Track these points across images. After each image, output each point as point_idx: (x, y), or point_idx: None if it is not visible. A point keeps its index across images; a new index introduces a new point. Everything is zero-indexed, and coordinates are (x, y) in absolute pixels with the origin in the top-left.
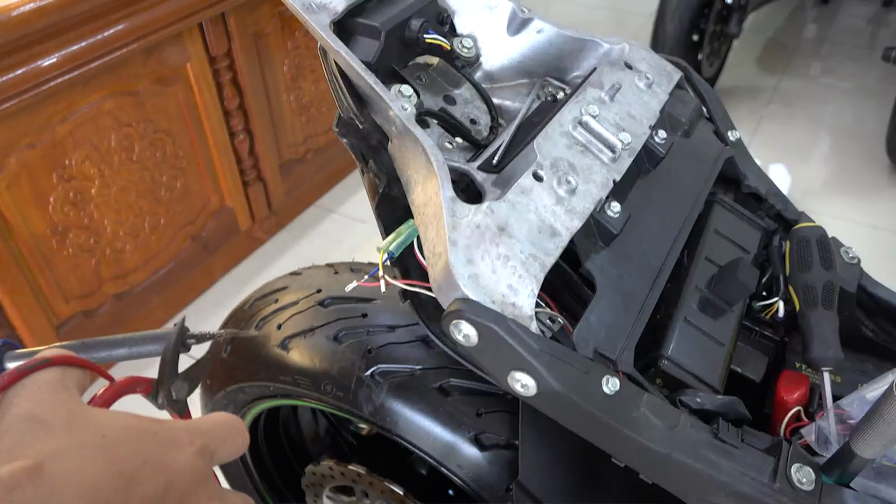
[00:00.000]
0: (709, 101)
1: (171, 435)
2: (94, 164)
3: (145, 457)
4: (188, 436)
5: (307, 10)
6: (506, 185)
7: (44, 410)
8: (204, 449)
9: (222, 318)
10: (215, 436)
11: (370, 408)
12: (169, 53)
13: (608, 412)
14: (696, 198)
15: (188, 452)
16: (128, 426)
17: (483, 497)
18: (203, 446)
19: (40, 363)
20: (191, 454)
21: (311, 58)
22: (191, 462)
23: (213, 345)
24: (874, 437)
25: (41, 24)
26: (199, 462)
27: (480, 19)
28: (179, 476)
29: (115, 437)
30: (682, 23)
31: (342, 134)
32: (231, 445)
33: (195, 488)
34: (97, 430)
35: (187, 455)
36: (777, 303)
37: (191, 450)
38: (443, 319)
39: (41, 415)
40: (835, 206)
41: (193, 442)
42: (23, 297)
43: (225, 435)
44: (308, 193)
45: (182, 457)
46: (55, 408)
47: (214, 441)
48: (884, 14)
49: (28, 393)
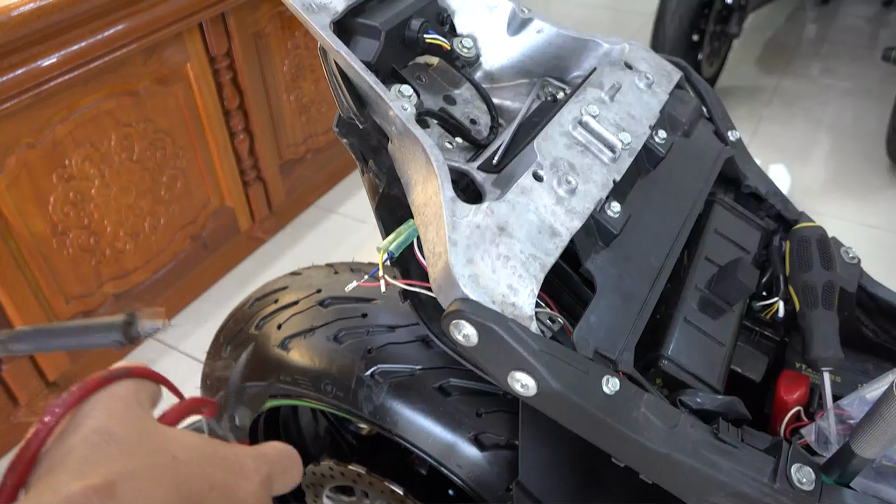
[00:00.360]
0: (709, 101)
1: (240, 462)
2: (94, 164)
3: (213, 482)
4: (255, 464)
5: (307, 10)
6: (506, 185)
7: (117, 426)
8: (268, 479)
9: (222, 318)
10: (277, 466)
11: (370, 408)
12: (169, 53)
13: (608, 412)
14: (696, 198)
15: (254, 482)
16: (198, 449)
17: (483, 497)
18: (268, 476)
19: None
20: (256, 483)
21: (311, 58)
22: (255, 491)
23: (212, 344)
24: (874, 437)
25: (41, 24)
26: (262, 493)
27: (480, 19)
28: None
29: (185, 460)
30: (682, 23)
31: (342, 134)
32: (289, 477)
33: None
34: (168, 450)
35: (253, 484)
36: (777, 303)
37: (257, 479)
38: (443, 319)
39: (114, 430)
40: (835, 206)
41: (260, 470)
42: (23, 297)
43: (285, 465)
44: (308, 193)
45: (248, 486)
46: (128, 424)
47: (276, 471)
48: (884, 14)
49: (102, 406)
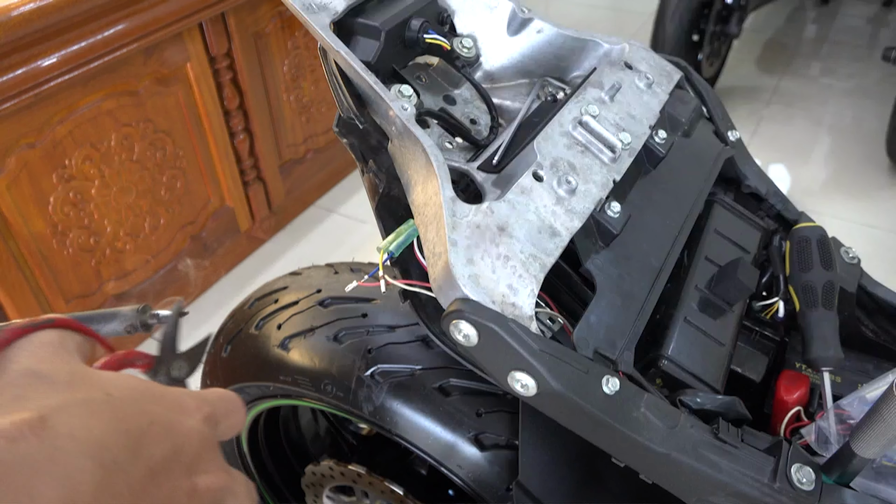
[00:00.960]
0: (709, 101)
1: (178, 399)
2: (94, 164)
3: (153, 417)
4: (194, 402)
5: (307, 10)
6: (506, 185)
7: (45, 367)
8: (210, 417)
9: (222, 318)
10: (219, 406)
11: (370, 408)
12: (169, 53)
13: (608, 412)
14: (696, 198)
15: (196, 418)
16: (133, 386)
17: (483, 497)
18: (210, 414)
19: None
20: (198, 420)
21: (311, 58)
22: (198, 428)
23: (214, 341)
24: (874, 437)
25: (41, 24)
26: (206, 429)
27: (480, 19)
28: (188, 440)
29: (120, 396)
30: (682, 23)
31: (342, 134)
32: (233, 419)
33: (203, 455)
34: (101, 387)
35: (195, 420)
36: (777, 303)
37: (198, 416)
38: (443, 319)
39: (42, 371)
40: (835, 206)
41: (201, 408)
42: (23, 298)
43: (227, 407)
44: (308, 193)
45: (190, 421)
46: (56, 365)
47: (219, 411)
48: (884, 14)
49: (28, 351)
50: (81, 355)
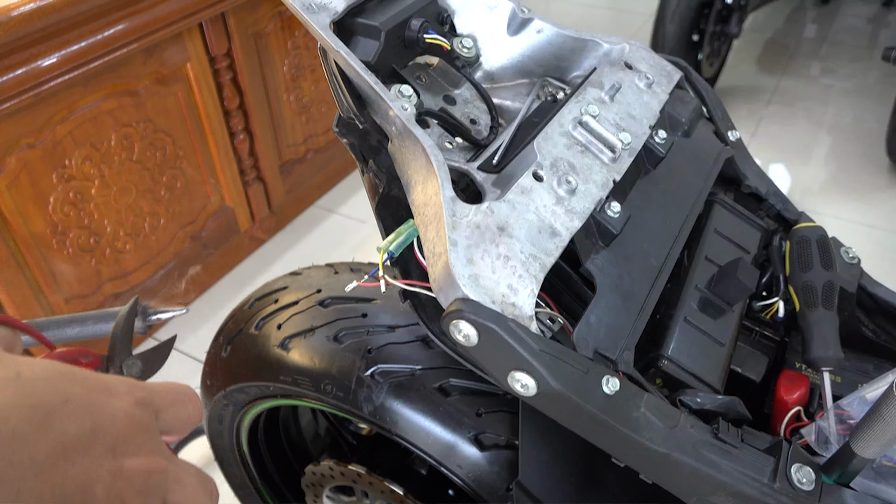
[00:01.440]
0: (709, 101)
1: (104, 382)
2: (94, 164)
3: (68, 396)
4: (125, 386)
5: (307, 10)
6: (506, 185)
7: None
8: (144, 402)
9: (222, 318)
10: (160, 394)
11: (370, 408)
12: (169, 53)
13: (608, 412)
14: (696, 198)
15: (125, 400)
16: (50, 367)
17: (483, 497)
18: (143, 399)
19: None
20: (128, 402)
21: (311, 58)
22: (127, 409)
23: (214, 341)
24: (874, 437)
25: (41, 24)
26: (137, 412)
27: (480, 19)
28: (111, 420)
29: (31, 375)
30: (682, 23)
31: (342, 134)
32: (180, 410)
33: (132, 437)
34: (12, 367)
35: (123, 402)
36: (777, 303)
37: (128, 398)
38: (443, 319)
39: None
40: (835, 206)
41: (132, 392)
42: (22, 297)
43: (173, 398)
44: (308, 193)
45: (116, 402)
46: None
47: (158, 398)
48: (884, 14)
49: None
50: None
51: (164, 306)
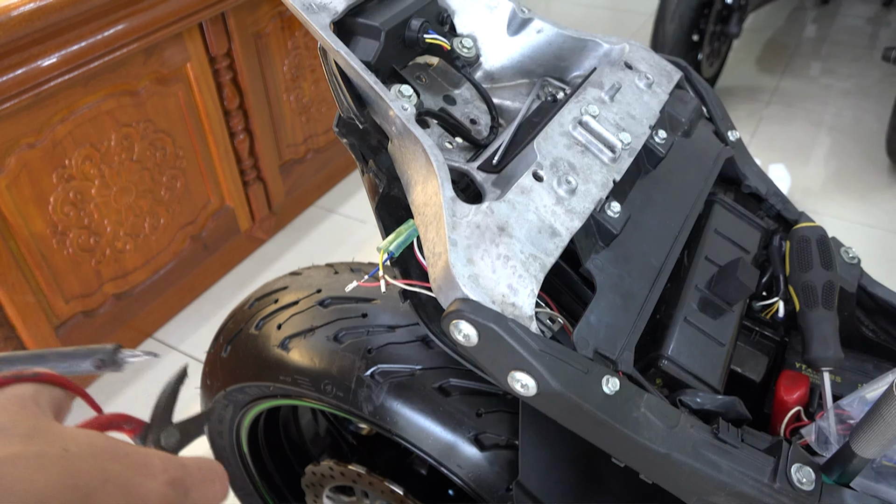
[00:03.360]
0: (709, 101)
1: (143, 459)
2: (94, 164)
3: (108, 475)
4: (162, 464)
5: (307, 10)
6: (506, 185)
7: (5, 419)
8: (177, 481)
9: (222, 318)
10: (192, 472)
11: (370, 408)
12: (169, 53)
13: (608, 412)
14: (696, 198)
15: (160, 480)
16: (95, 443)
17: (483, 497)
18: (177, 478)
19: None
20: (162, 482)
21: (311, 58)
22: (160, 490)
23: (214, 341)
24: (874, 437)
25: (41, 24)
26: (170, 492)
27: (480, 19)
28: (144, 501)
29: (78, 452)
30: (682, 23)
31: (342, 134)
32: (209, 488)
33: None
34: (59, 443)
35: (158, 482)
36: (777, 303)
37: (163, 478)
38: (443, 319)
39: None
40: (834, 206)
41: (167, 471)
42: (23, 297)
43: (203, 476)
44: (308, 193)
45: (151, 483)
46: (19, 419)
47: (191, 477)
48: (884, 14)
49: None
50: (55, 411)
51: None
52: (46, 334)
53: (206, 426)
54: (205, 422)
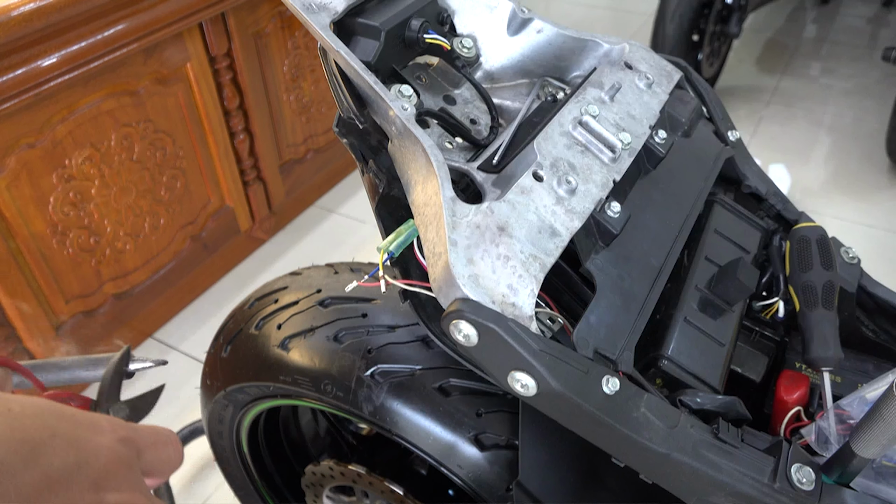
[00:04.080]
0: (709, 101)
1: (91, 419)
2: (94, 164)
3: (55, 431)
4: (110, 424)
5: (307, 10)
6: (506, 185)
7: None
8: (128, 440)
9: (222, 318)
10: (143, 435)
11: (370, 408)
12: (169, 53)
13: (608, 412)
14: (696, 198)
15: (109, 437)
16: (39, 405)
17: (483, 497)
18: (127, 437)
19: None
20: (111, 439)
21: (311, 58)
22: (110, 445)
23: (214, 341)
24: (874, 437)
25: (41, 24)
26: (120, 448)
27: (480, 19)
28: (95, 455)
29: (21, 411)
30: (682, 23)
31: (342, 134)
32: (162, 451)
33: (115, 472)
34: (3, 404)
35: (107, 439)
36: (777, 303)
37: (112, 436)
38: (443, 319)
39: None
40: (834, 206)
41: (115, 430)
42: (23, 297)
43: (155, 438)
44: (308, 193)
45: (100, 439)
46: None
47: (141, 438)
48: (884, 14)
49: None
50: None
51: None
52: (46, 334)
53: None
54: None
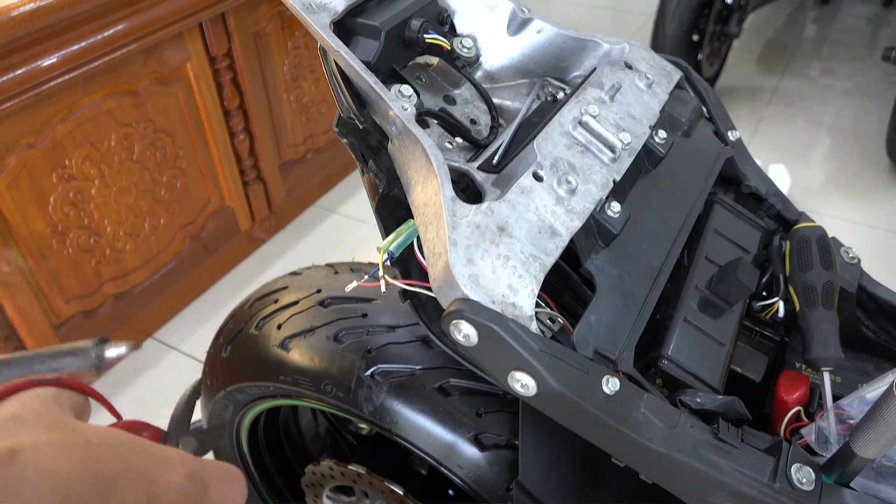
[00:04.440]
0: (709, 101)
1: (163, 453)
2: (94, 164)
3: (129, 465)
4: (181, 459)
5: (307, 10)
6: (506, 185)
7: (29, 414)
8: (196, 476)
9: (222, 317)
10: (210, 470)
11: (370, 408)
12: (169, 53)
13: (608, 412)
14: (696, 198)
15: (179, 473)
16: (116, 437)
17: (483, 497)
18: (195, 472)
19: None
20: (181, 475)
21: (311, 58)
22: (180, 482)
23: (214, 341)
24: (874, 437)
25: (41, 24)
26: (188, 485)
27: (480, 19)
28: (165, 491)
29: (99, 443)
30: (682, 23)
31: (342, 134)
32: (227, 488)
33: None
34: (82, 434)
35: (177, 475)
36: (777, 303)
37: (182, 471)
38: (443, 319)
39: (25, 417)
40: (834, 206)
41: (185, 465)
42: (23, 298)
43: (221, 475)
44: (308, 193)
45: (171, 475)
46: (42, 413)
47: (209, 475)
48: (884, 14)
49: (20, 401)
50: (76, 411)
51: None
52: (46, 334)
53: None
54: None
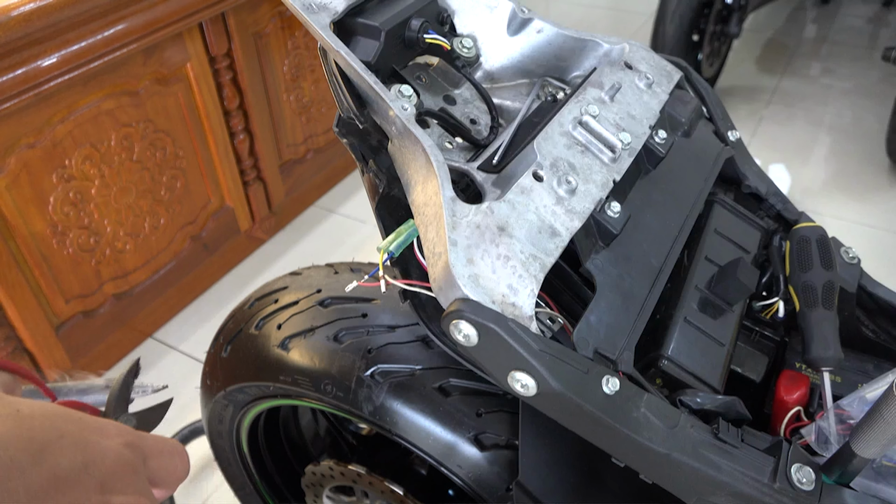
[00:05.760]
0: (709, 101)
1: (98, 424)
2: (94, 164)
3: (63, 432)
4: (117, 429)
5: (307, 10)
6: (506, 185)
7: None
8: (134, 445)
9: (222, 318)
10: (149, 442)
11: (370, 408)
12: (169, 53)
13: (608, 412)
14: (696, 198)
15: (115, 441)
16: (48, 408)
17: (483, 497)
18: (133, 442)
19: None
20: (118, 443)
21: (311, 58)
22: (116, 448)
23: (214, 341)
24: (874, 437)
25: (41, 24)
26: (126, 453)
27: (480, 19)
28: (102, 457)
29: (31, 413)
30: (682, 23)
31: (342, 134)
32: (168, 461)
33: (121, 475)
34: (12, 405)
35: (113, 442)
36: (777, 303)
37: (118, 440)
38: (443, 319)
39: None
40: (835, 206)
41: (122, 434)
42: (23, 297)
43: (161, 447)
44: (308, 193)
45: (107, 442)
46: None
47: (147, 445)
48: (884, 14)
49: None
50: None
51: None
52: (46, 334)
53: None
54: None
